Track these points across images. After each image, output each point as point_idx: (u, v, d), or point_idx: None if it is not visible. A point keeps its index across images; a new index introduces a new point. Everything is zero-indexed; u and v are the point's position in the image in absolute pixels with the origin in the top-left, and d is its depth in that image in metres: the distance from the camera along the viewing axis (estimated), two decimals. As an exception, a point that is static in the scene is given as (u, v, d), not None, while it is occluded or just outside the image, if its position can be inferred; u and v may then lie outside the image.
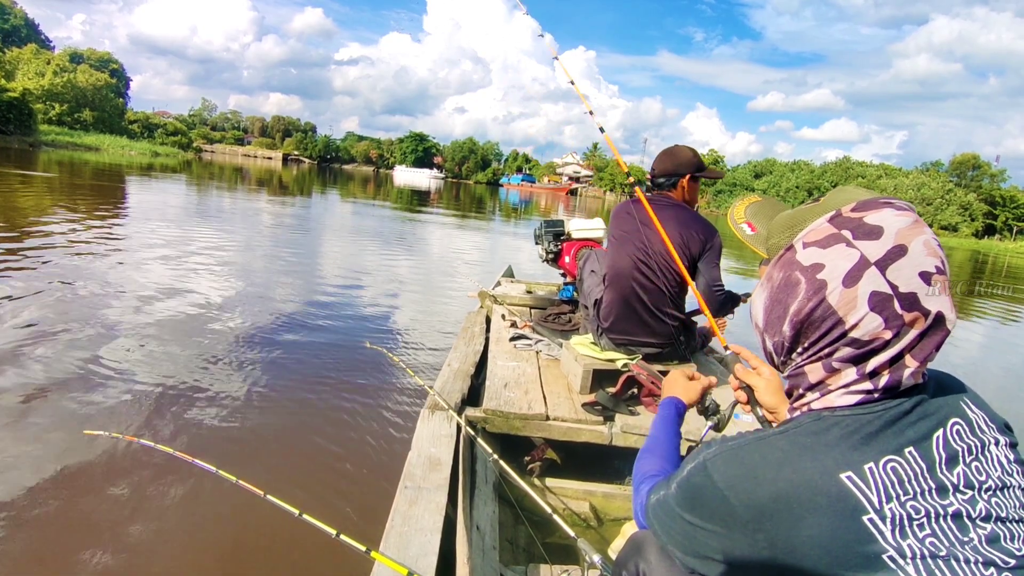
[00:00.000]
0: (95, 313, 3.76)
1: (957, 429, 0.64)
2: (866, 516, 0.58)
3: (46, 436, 2.30)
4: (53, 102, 38.50)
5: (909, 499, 0.59)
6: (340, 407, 2.81)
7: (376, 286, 5.78)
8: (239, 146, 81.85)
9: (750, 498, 0.61)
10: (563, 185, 75.44)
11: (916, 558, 0.57)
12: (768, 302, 0.71)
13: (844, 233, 0.64)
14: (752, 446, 0.65)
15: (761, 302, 0.72)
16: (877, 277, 0.61)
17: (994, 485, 0.63)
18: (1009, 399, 4.62)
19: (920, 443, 0.61)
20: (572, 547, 1.33)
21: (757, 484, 0.61)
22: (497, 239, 12.75)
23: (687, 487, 0.69)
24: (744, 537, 0.62)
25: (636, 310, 2.18)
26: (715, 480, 0.64)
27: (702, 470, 0.66)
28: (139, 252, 5.96)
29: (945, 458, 0.62)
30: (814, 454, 0.61)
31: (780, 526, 0.60)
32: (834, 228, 0.65)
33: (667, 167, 2.23)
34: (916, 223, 0.63)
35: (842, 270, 0.62)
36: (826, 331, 0.64)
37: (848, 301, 0.62)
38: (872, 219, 0.64)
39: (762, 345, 0.76)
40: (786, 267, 0.68)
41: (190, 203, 12.75)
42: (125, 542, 1.75)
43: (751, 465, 0.63)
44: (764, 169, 55.71)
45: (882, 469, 0.59)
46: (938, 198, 42.60)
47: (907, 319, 0.61)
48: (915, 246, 0.61)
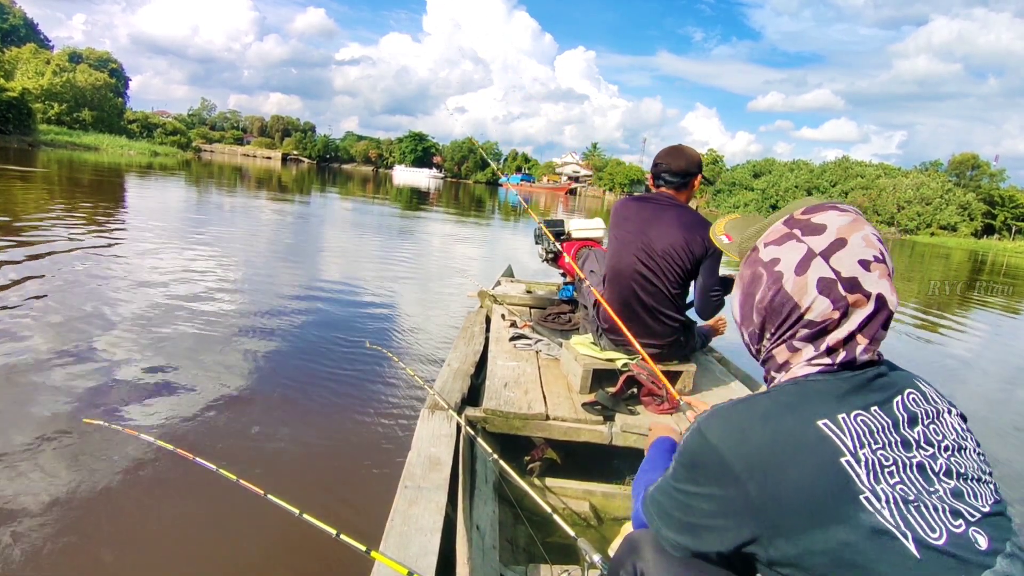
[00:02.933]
0: (97, 306, 3.76)
1: (913, 397, 0.72)
2: (842, 458, 0.65)
3: (45, 420, 2.32)
4: (52, 102, 38.41)
5: (879, 448, 0.66)
6: (340, 407, 2.81)
7: (376, 286, 5.78)
8: (238, 146, 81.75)
9: (741, 449, 0.68)
10: (562, 185, 75.43)
11: (889, 502, 0.63)
12: (741, 297, 0.83)
13: (795, 231, 0.76)
14: (739, 406, 0.73)
15: (736, 299, 0.84)
16: (822, 265, 0.72)
17: (951, 445, 0.70)
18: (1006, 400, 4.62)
19: (883, 404, 0.70)
20: (572, 547, 1.33)
21: (746, 436, 0.69)
22: (497, 239, 12.75)
23: (684, 454, 0.75)
24: (737, 491, 0.68)
25: (636, 310, 2.17)
26: (709, 438, 0.71)
27: (697, 433, 0.74)
28: (139, 251, 5.95)
29: (906, 418, 0.70)
30: (794, 409, 0.70)
31: (769, 474, 0.66)
32: (787, 228, 0.77)
33: (683, 166, 2.18)
34: (856, 221, 0.74)
35: (793, 261, 0.74)
36: (786, 316, 0.75)
37: (800, 287, 0.73)
38: (817, 219, 0.76)
39: (742, 339, 0.86)
40: (752, 264, 0.80)
41: (190, 203, 12.74)
42: (121, 538, 1.75)
43: (739, 421, 0.71)
44: (763, 169, 55.64)
45: (853, 420, 0.67)
46: (937, 197, 42.60)
47: (851, 300, 0.71)
48: (854, 239, 0.72)
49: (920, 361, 5.36)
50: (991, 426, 3.75)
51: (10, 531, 1.71)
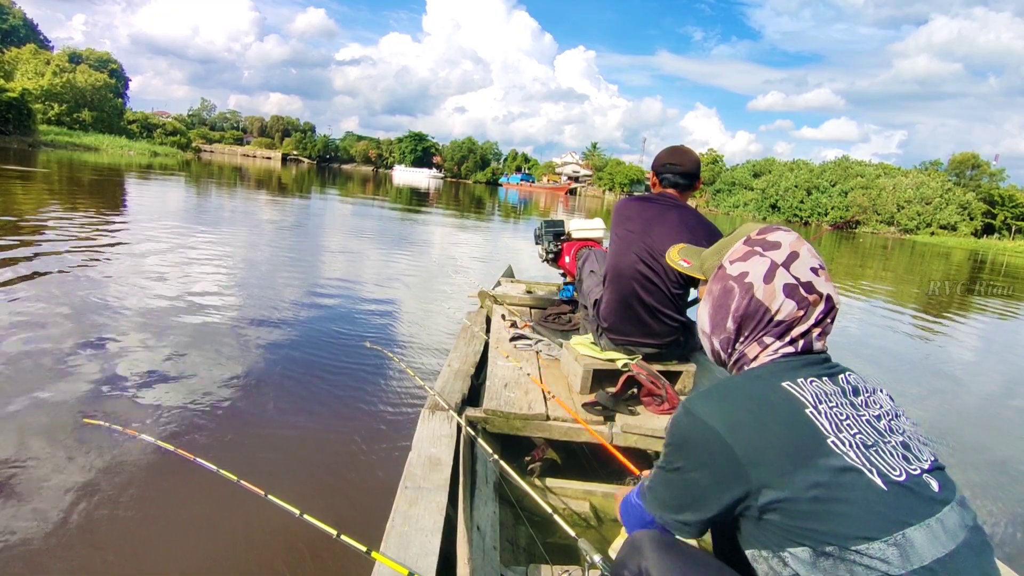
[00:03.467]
0: (96, 306, 3.76)
1: (852, 377, 0.86)
2: (806, 410, 0.77)
3: (45, 420, 2.32)
4: (52, 102, 38.41)
5: (833, 406, 0.79)
6: (340, 407, 2.81)
7: (376, 286, 5.78)
8: (238, 146, 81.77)
9: (725, 418, 0.78)
10: (562, 185, 75.43)
11: (852, 446, 0.74)
12: (712, 309, 0.94)
13: (756, 249, 0.91)
14: (718, 385, 0.86)
15: (706, 311, 0.95)
16: (785, 274, 0.87)
17: (889, 412, 0.84)
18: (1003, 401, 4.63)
19: (831, 376, 0.84)
20: (573, 547, 1.33)
21: (726, 406, 0.80)
22: (497, 239, 12.75)
23: (674, 435, 0.84)
24: (725, 455, 0.77)
25: (637, 310, 2.17)
26: (696, 414, 0.80)
27: (684, 414, 0.82)
28: (139, 251, 5.95)
29: (850, 388, 0.84)
30: (762, 378, 0.84)
31: (751, 433, 0.76)
32: (748, 247, 0.92)
33: (691, 167, 2.17)
34: (798, 238, 0.91)
35: (760, 273, 0.88)
36: (759, 320, 0.88)
37: (770, 294, 0.87)
38: (772, 237, 0.91)
39: (709, 347, 0.97)
40: (721, 280, 0.93)
41: (190, 203, 12.74)
42: (121, 539, 1.75)
43: (719, 395, 0.83)
44: (763, 168, 55.57)
45: (808, 383, 0.80)
46: (937, 197, 42.59)
47: (811, 300, 0.86)
48: (803, 252, 0.88)
49: (922, 359, 5.37)
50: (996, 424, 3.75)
51: (11, 532, 1.71)
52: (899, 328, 6.63)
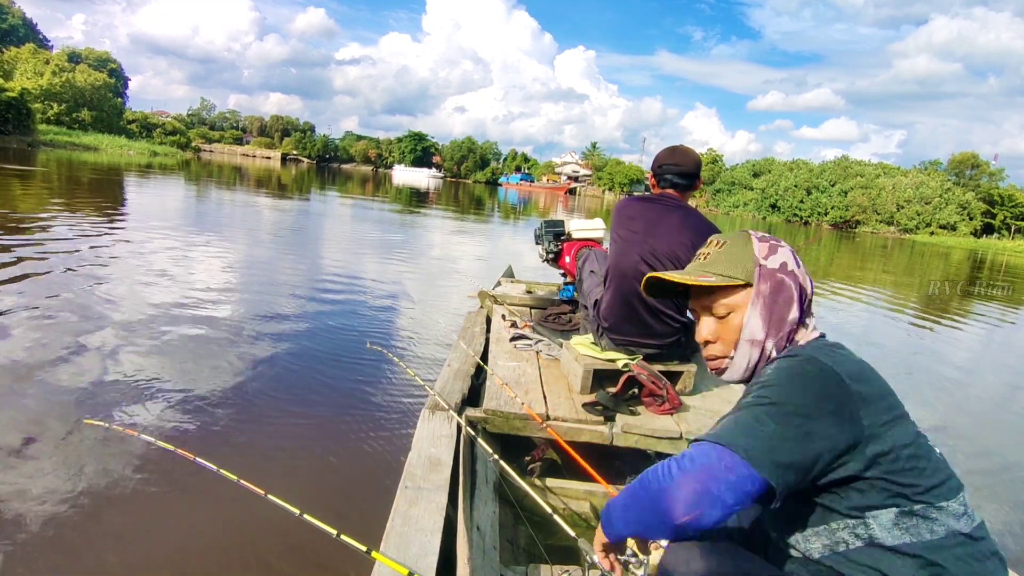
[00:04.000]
0: (96, 307, 3.76)
1: None
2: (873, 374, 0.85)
3: (47, 421, 2.32)
4: (51, 102, 38.37)
5: None
6: (341, 407, 2.81)
7: (376, 286, 5.78)
8: (238, 145, 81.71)
9: (839, 364, 0.82)
10: (562, 184, 75.42)
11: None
12: (766, 311, 0.94)
13: (772, 242, 0.98)
14: (811, 345, 0.92)
15: (757, 316, 0.94)
16: (797, 257, 0.98)
17: None
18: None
19: None
20: (573, 547, 1.33)
21: (836, 356, 0.84)
22: (496, 238, 12.74)
23: (784, 372, 0.84)
24: (842, 393, 0.78)
25: (638, 310, 2.17)
26: (810, 355, 0.84)
27: (796, 358, 0.85)
28: (139, 251, 5.95)
29: None
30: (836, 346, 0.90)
31: (861, 381, 0.81)
32: (766, 243, 0.98)
33: (691, 168, 2.17)
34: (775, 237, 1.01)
35: (791, 259, 0.97)
36: (807, 301, 0.96)
37: (803, 275, 0.97)
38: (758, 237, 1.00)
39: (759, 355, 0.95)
40: (768, 278, 0.95)
41: (189, 203, 12.73)
42: (122, 539, 1.74)
43: (827, 350, 0.87)
44: (763, 168, 55.56)
45: None
46: (936, 197, 42.58)
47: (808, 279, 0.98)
48: (784, 243, 0.99)
49: (926, 354, 5.37)
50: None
51: (12, 533, 1.71)
52: (899, 327, 6.63)
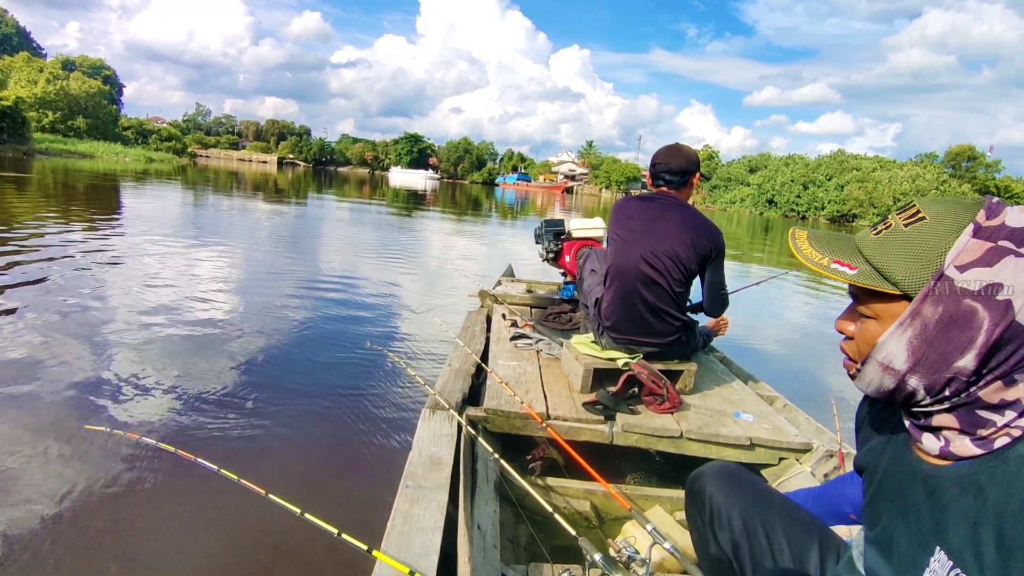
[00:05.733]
0: (95, 312, 3.75)
1: None
2: None
3: (48, 428, 2.32)
4: (46, 110, 38.40)
5: None
6: (341, 407, 2.81)
7: (376, 286, 5.78)
8: (234, 150, 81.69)
9: None
10: (559, 183, 75.46)
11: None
12: (918, 341, 0.64)
13: (1004, 244, 0.59)
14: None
15: (903, 342, 0.65)
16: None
17: None
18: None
19: None
20: (573, 546, 1.34)
21: None
22: (495, 238, 12.75)
23: None
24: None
25: (639, 309, 2.17)
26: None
27: None
28: (138, 255, 5.94)
29: None
30: None
31: None
32: (988, 242, 0.60)
33: (682, 164, 2.18)
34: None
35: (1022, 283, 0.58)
36: (1013, 351, 0.60)
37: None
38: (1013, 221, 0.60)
39: (890, 387, 0.68)
40: (945, 301, 0.61)
41: (187, 208, 12.72)
42: (123, 539, 1.74)
43: None
44: (759, 164, 55.67)
45: None
46: (932, 189, 42.69)
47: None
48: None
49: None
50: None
51: (14, 536, 1.70)
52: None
